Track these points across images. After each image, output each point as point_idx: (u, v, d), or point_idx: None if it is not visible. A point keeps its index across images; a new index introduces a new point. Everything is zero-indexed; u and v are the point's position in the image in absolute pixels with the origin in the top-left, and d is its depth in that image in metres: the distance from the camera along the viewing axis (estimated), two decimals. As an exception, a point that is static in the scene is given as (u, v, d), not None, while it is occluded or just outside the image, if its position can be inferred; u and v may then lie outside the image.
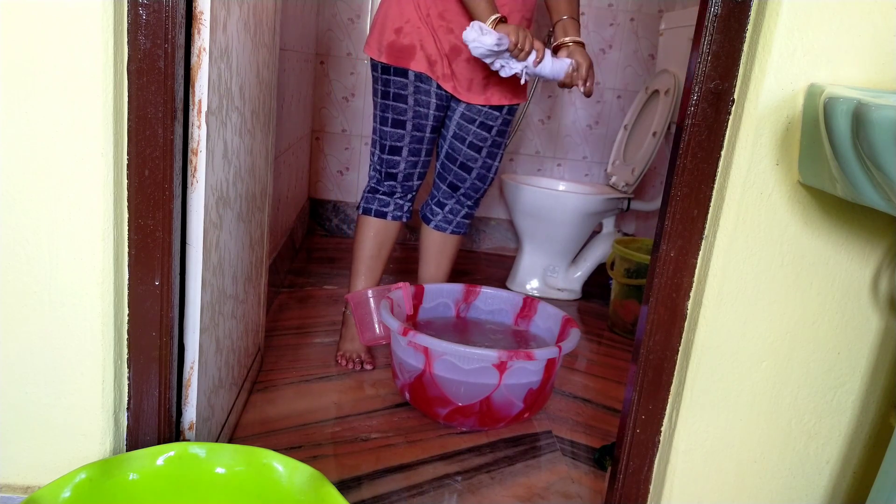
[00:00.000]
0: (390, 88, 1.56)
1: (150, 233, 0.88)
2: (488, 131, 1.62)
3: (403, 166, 1.60)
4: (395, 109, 1.57)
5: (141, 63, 0.84)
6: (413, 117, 1.57)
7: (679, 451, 0.96)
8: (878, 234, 0.88)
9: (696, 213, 0.90)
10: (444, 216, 1.72)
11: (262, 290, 1.52)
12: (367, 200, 1.65)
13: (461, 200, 1.71)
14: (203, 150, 0.93)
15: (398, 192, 1.63)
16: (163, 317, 0.91)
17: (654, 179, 2.84)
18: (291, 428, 1.37)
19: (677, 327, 0.94)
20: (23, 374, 0.91)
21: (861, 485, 0.97)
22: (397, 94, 1.56)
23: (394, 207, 1.64)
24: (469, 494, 1.22)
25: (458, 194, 1.70)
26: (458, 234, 1.75)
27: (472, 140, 1.63)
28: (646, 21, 2.77)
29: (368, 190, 1.66)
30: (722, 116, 0.86)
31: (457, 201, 1.71)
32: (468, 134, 1.63)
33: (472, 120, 1.61)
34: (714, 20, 0.84)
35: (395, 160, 1.60)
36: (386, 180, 1.62)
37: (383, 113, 1.58)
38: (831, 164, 0.74)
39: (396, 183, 1.62)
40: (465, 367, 1.34)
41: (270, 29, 1.36)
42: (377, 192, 1.64)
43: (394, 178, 1.62)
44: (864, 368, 0.93)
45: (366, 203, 1.65)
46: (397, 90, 1.55)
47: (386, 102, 1.57)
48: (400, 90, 1.55)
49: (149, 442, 0.95)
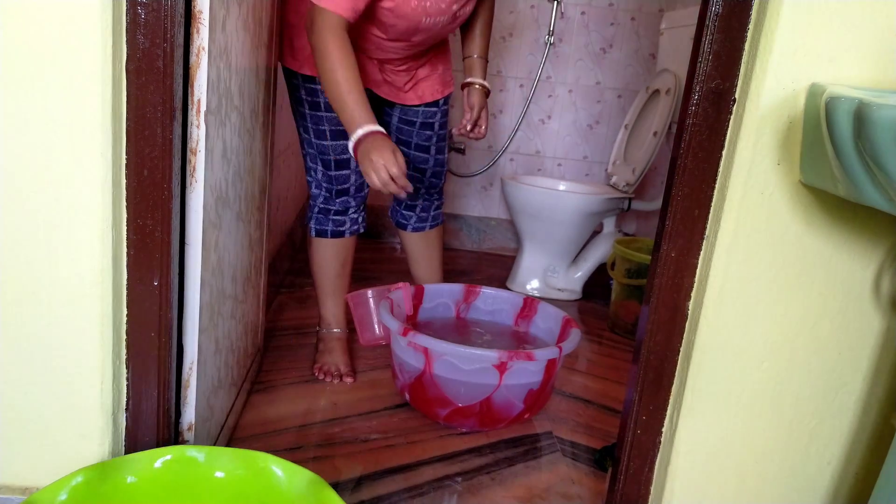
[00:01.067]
0: (320, 98, 1.44)
1: (148, 233, 0.88)
2: (431, 129, 1.61)
3: (354, 178, 1.52)
4: (331, 120, 1.46)
5: (140, 62, 0.83)
6: None
7: (680, 452, 0.95)
8: (879, 234, 0.87)
9: (697, 213, 0.89)
10: (419, 216, 1.71)
11: (261, 291, 1.52)
12: (320, 222, 1.56)
13: (427, 197, 1.70)
14: (202, 149, 0.93)
15: (352, 207, 1.56)
16: (161, 317, 0.91)
17: (654, 179, 2.83)
18: (291, 429, 1.36)
19: (678, 328, 0.93)
20: (21, 375, 0.91)
21: (863, 486, 0.96)
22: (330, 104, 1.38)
23: (350, 223, 1.57)
24: (469, 495, 1.21)
25: (421, 194, 1.68)
26: (438, 224, 1.74)
27: (418, 142, 1.60)
28: (646, 20, 2.77)
29: (318, 210, 1.55)
30: (723, 116, 0.86)
31: (424, 199, 1.70)
32: (412, 137, 1.60)
33: (412, 122, 1.59)
34: (715, 19, 0.84)
35: (344, 174, 1.50)
36: (338, 197, 1.53)
37: (317, 126, 1.47)
38: (833, 163, 0.74)
39: (350, 197, 1.54)
40: (466, 368, 1.33)
41: (270, 29, 1.35)
42: (329, 212, 1.55)
43: (346, 193, 1.53)
44: (866, 369, 0.92)
45: (318, 225, 1.56)
46: None
47: (318, 114, 1.46)
48: None
49: (147, 443, 0.95)
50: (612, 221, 2.46)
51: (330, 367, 1.59)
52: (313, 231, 1.58)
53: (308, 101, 1.47)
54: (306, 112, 1.48)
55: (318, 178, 1.53)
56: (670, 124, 2.23)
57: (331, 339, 1.64)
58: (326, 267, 1.61)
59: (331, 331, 1.65)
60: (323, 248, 1.59)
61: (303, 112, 1.49)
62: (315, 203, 1.57)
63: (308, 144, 1.52)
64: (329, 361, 1.60)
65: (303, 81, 1.46)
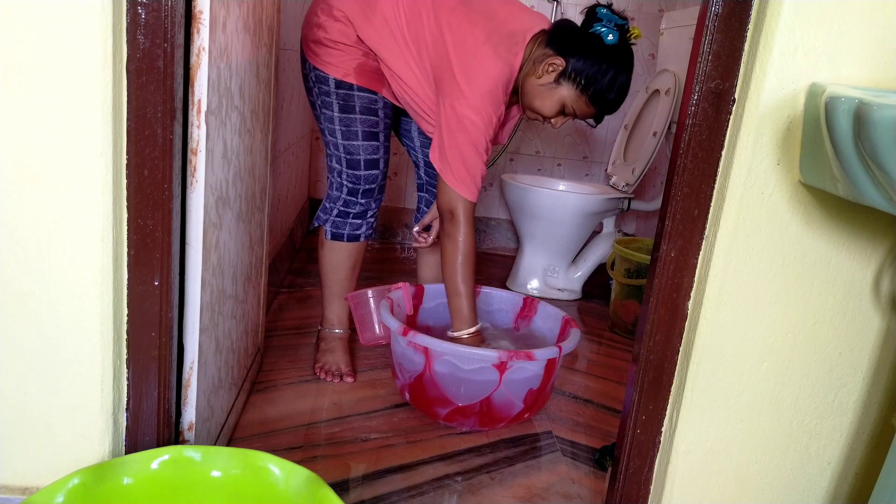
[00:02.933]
0: (355, 103, 1.47)
1: (149, 233, 0.88)
2: None
3: (381, 179, 1.55)
4: (364, 122, 1.48)
5: (140, 62, 0.83)
6: (384, 129, 1.52)
7: (680, 452, 0.95)
8: (879, 233, 0.87)
9: (696, 212, 0.89)
10: None
11: (261, 290, 1.52)
12: (337, 225, 1.56)
13: None
14: (202, 149, 0.93)
15: (371, 210, 1.57)
16: (162, 317, 0.91)
17: (654, 179, 2.83)
18: (291, 428, 1.36)
19: (678, 328, 0.93)
20: (21, 375, 0.91)
21: (863, 485, 0.96)
22: (366, 108, 1.47)
23: (366, 228, 1.58)
24: (469, 495, 1.21)
25: None
26: None
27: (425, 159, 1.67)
28: (646, 20, 2.77)
29: (337, 213, 1.55)
30: (723, 116, 0.86)
31: None
32: (419, 147, 1.68)
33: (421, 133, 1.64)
34: (715, 19, 0.84)
35: (373, 174, 1.52)
36: (363, 198, 1.54)
37: (348, 127, 1.48)
38: (833, 163, 0.74)
39: (372, 199, 1.56)
40: (466, 368, 1.33)
41: (270, 29, 1.35)
42: (348, 214, 1.55)
43: (371, 194, 1.55)
44: (866, 369, 0.92)
45: (335, 228, 1.56)
46: (365, 105, 1.47)
47: (350, 116, 1.47)
48: (369, 105, 1.48)
49: (148, 443, 0.95)
50: (612, 221, 2.46)
51: (331, 367, 1.59)
52: (329, 234, 1.57)
53: (340, 105, 1.47)
54: (335, 115, 1.48)
55: (342, 179, 1.53)
56: (670, 124, 2.23)
57: (332, 339, 1.65)
58: (338, 270, 1.61)
59: (332, 331, 1.65)
60: (337, 251, 1.59)
61: (330, 115, 1.48)
62: (335, 206, 1.55)
63: (334, 146, 1.51)
64: (330, 361, 1.61)
65: (335, 87, 1.46)
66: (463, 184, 1.40)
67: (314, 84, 1.49)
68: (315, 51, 1.46)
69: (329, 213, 1.56)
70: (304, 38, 1.50)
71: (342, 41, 1.43)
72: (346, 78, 1.45)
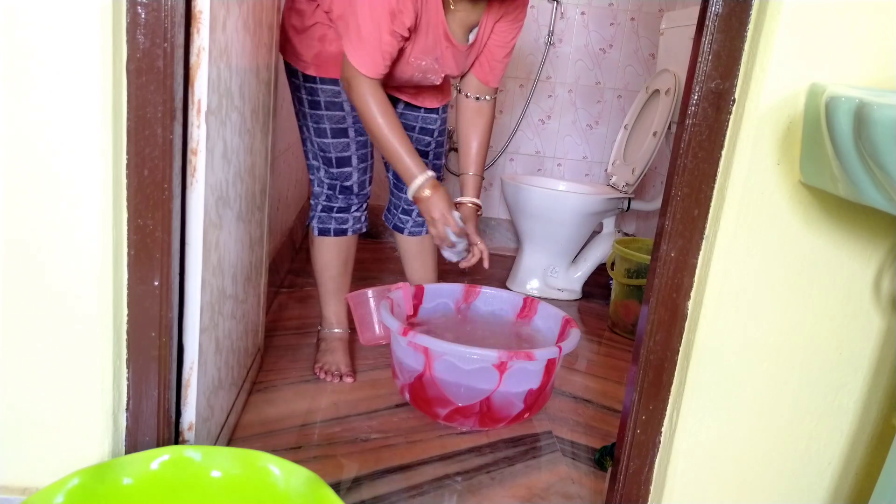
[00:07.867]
0: (320, 97, 1.45)
1: (149, 233, 0.88)
2: (430, 135, 1.62)
3: (357, 176, 1.53)
4: (331, 118, 1.47)
5: (140, 62, 0.83)
6: (353, 122, 1.48)
7: (679, 452, 0.95)
8: (879, 233, 0.87)
9: (696, 212, 0.89)
10: (415, 220, 1.69)
11: (261, 290, 1.52)
12: (322, 221, 1.57)
13: None
14: (202, 149, 0.93)
15: (355, 205, 1.57)
16: (162, 317, 0.91)
17: (654, 179, 2.83)
18: (291, 428, 1.36)
19: (678, 328, 0.93)
20: (21, 375, 0.90)
21: (863, 486, 0.96)
22: (330, 102, 1.46)
23: (353, 222, 1.58)
24: (469, 495, 1.21)
25: None
26: None
27: (417, 147, 1.60)
28: (646, 20, 2.77)
29: (321, 209, 1.56)
30: (723, 116, 0.86)
31: None
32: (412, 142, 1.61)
33: (412, 128, 1.60)
34: (715, 19, 0.84)
35: (346, 172, 1.52)
36: (341, 194, 1.54)
37: (317, 124, 1.47)
38: (833, 163, 0.74)
39: (353, 195, 1.55)
40: (465, 368, 1.33)
41: (270, 28, 1.35)
42: (332, 209, 1.56)
43: (349, 192, 1.54)
44: (866, 369, 0.92)
45: (321, 224, 1.57)
46: (329, 98, 1.45)
47: (318, 112, 1.46)
48: (332, 98, 1.46)
49: (148, 443, 0.95)
50: (612, 221, 2.46)
51: (331, 367, 1.59)
52: (316, 230, 1.58)
53: (308, 101, 1.47)
54: (307, 111, 1.49)
55: (321, 175, 1.54)
56: (670, 124, 2.23)
57: (332, 339, 1.65)
58: (329, 266, 1.61)
59: (332, 331, 1.65)
60: (326, 248, 1.60)
61: (304, 111, 1.49)
62: (318, 202, 1.57)
63: (310, 143, 1.52)
64: (330, 361, 1.61)
65: (303, 81, 1.46)
66: (356, 53, 1.28)
67: (289, 80, 1.51)
68: (283, 43, 1.47)
69: (315, 210, 1.58)
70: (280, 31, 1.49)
71: (300, 7, 1.42)
72: (306, 70, 1.44)
